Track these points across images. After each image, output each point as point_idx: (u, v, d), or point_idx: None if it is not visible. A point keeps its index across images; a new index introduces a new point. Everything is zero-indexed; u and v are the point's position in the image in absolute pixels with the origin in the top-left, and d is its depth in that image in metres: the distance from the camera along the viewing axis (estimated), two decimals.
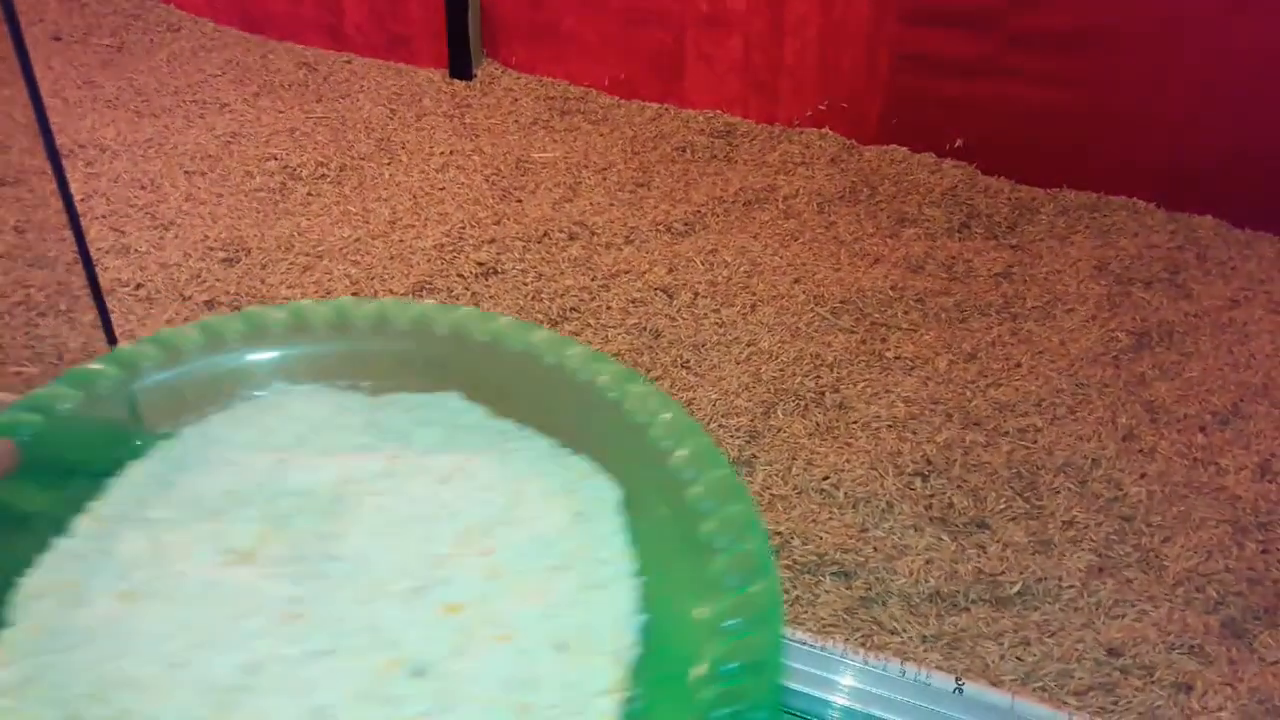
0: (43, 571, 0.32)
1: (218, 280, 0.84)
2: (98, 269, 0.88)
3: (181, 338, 0.38)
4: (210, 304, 0.82)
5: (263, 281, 0.84)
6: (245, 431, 0.37)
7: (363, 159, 1.02)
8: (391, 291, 0.82)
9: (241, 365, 0.39)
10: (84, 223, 0.81)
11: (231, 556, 0.33)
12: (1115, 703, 0.52)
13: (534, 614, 0.32)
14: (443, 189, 0.97)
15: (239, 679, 0.30)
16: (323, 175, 0.99)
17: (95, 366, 0.36)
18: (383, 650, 0.30)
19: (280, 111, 1.10)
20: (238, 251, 0.88)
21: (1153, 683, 0.53)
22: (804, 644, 0.48)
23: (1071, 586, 0.59)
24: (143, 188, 0.96)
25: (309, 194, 0.96)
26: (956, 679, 0.45)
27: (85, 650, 0.30)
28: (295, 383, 0.39)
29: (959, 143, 0.99)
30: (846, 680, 0.46)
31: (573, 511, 0.36)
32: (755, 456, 0.66)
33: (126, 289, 0.83)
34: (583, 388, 0.39)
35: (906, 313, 0.80)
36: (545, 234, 0.91)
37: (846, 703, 0.46)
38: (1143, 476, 0.66)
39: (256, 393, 0.39)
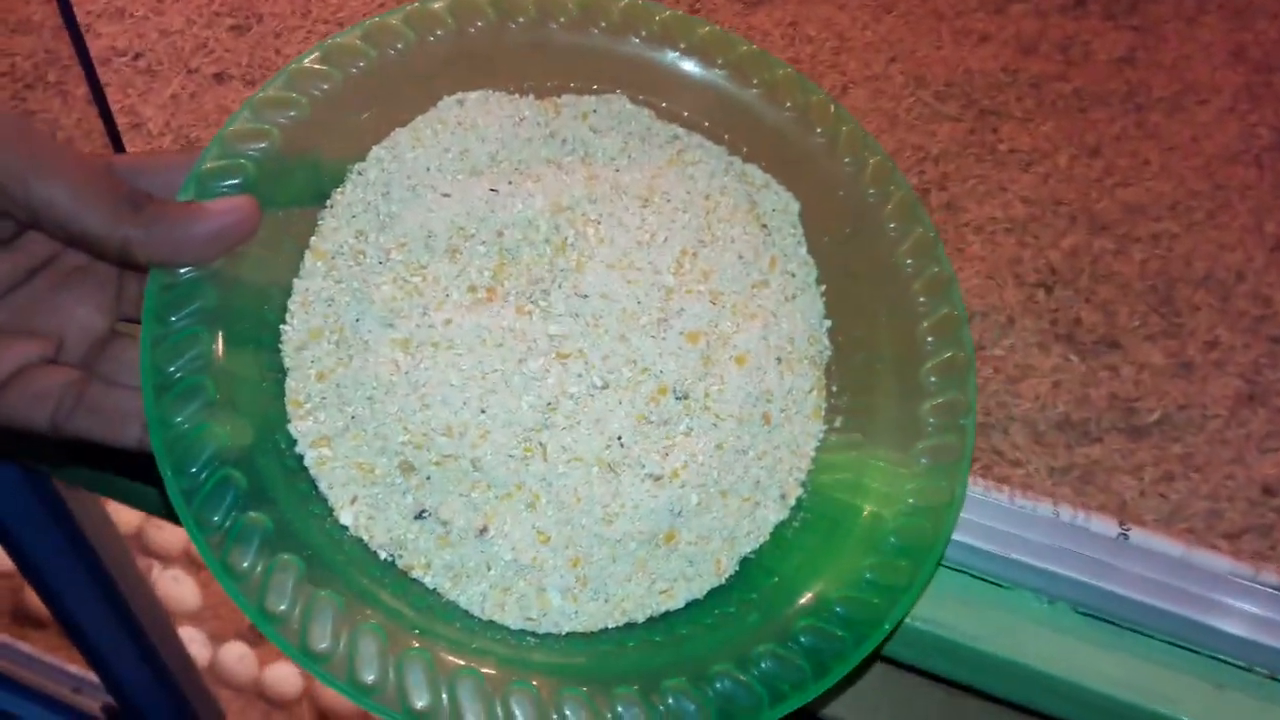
0: (299, 317, 0.33)
1: (227, 50, 0.73)
2: (90, 35, 0.77)
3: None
4: (220, 76, 0.71)
5: (277, 52, 0.73)
6: (438, 153, 0.36)
7: None
8: None
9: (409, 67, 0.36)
10: None
11: (480, 295, 0.33)
12: (1273, 547, 0.46)
13: (756, 333, 0.35)
14: None
15: (540, 418, 0.32)
16: None
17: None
18: (648, 381, 0.33)
19: None
20: (248, 18, 0.76)
21: None
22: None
23: (1217, 416, 0.52)
24: None
25: None
26: (1121, 524, 0.39)
27: (390, 401, 0.31)
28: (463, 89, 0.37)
29: None
30: (988, 522, 0.40)
31: (759, 225, 0.38)
32: None
33: (124, 59, 0.73)
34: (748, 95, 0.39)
35: (1020, 99, 0.69)
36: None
37: (989, 547, 0.39)
38: None
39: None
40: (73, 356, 0.32)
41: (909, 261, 0.38)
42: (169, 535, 1.16)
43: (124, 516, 1.13)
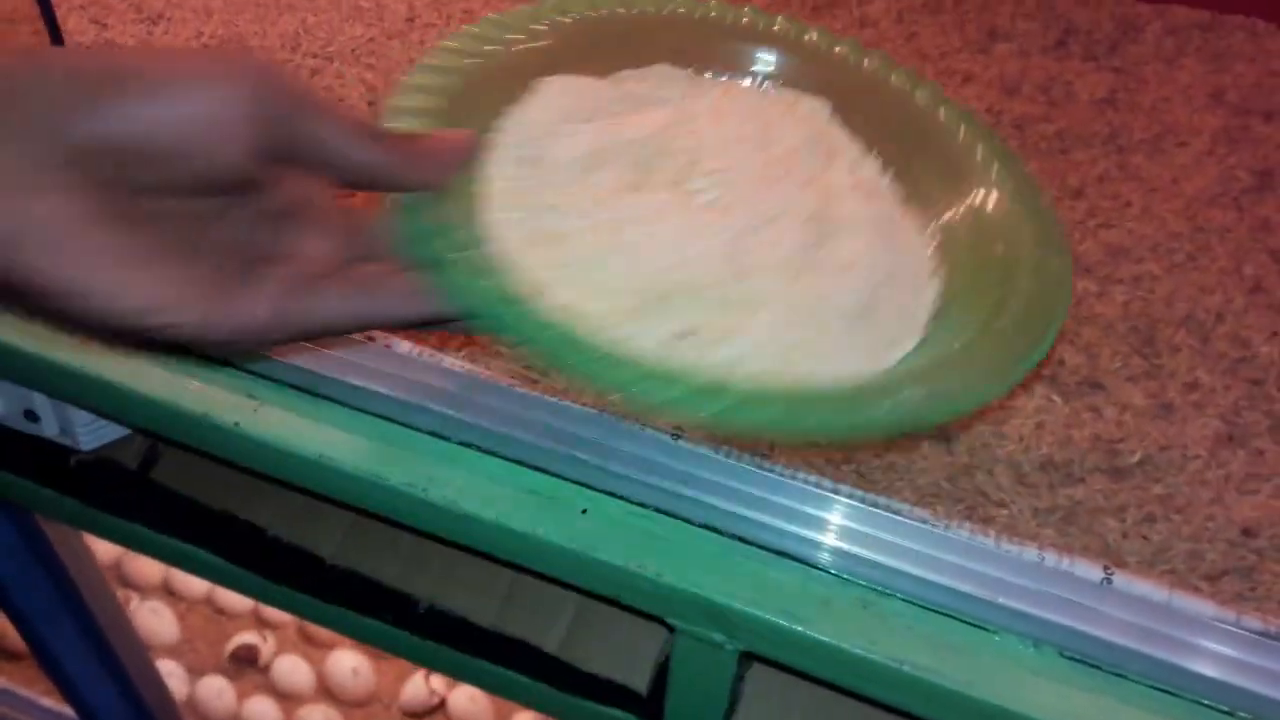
0: (504, 229, 0.38)
1: None
2: None
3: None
4: None
5: None
6: (559, 109, 0.43)
7: None
8: None
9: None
10: (60, 14, 0.70)
11: (639, 190, 0.41)
12: (1253, 589, 0.46)
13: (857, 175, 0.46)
14: None
15: (732, 250, 0.40)
16: None
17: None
18: (796, 213, 0.42)
19: None
20: (236, 50, 0.77)
21: None
22: (922, 522, 0.42)
23: (1198, 457, 0.52)
24: None
25: None
26: (1105, 568, 0.39)
27: (614, 263, 0.39)
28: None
29: None
30: (974, 565, 0.40)
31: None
32: None
33: None
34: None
35: (1004, 140, 0.70)
36: None
37: (975, 590, 0.39)
38: (1273, 335, 0.59)
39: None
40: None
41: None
42: (147, 566, 1.15)
43: (102, 547, 1.12)
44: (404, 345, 0.50)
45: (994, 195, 0.46)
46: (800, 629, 0.39)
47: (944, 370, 0.38)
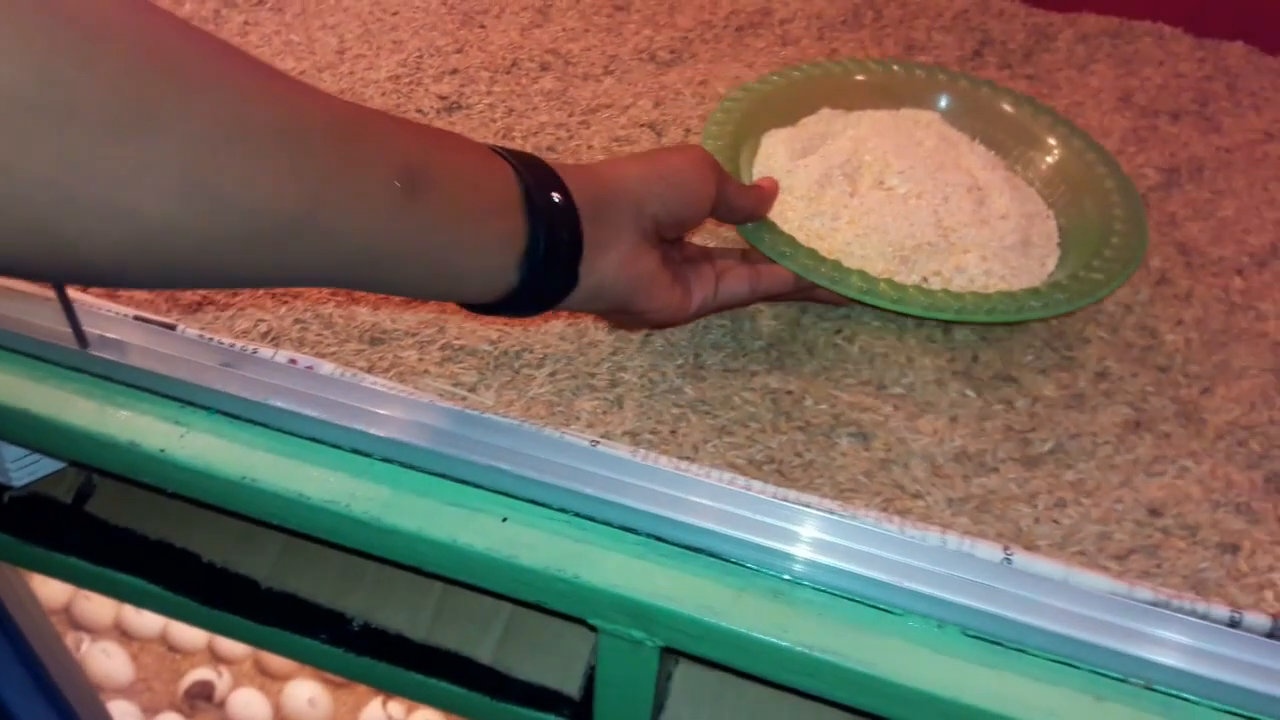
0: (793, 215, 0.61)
1: None
2: None
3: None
4: None
5: None
6: (781, 148, 0.64)
7: None
8: None
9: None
10: None
11: (856, 187, 0.61)
12: (1159, 565, 0.48)
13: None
14: (395, 13, 0.87)
15: (936, 216, 0.59)
16: (260, 1, 0.88)
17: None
18: (962, 185, 0.60)
19: None
20: None
21: (1196, 543, 0.49)
22: (829, 513, 0.43)
23: (1107, 443, 0.54)
24: None
25: (246, 23, 0.86)
26: (1004, 548, 0.40)
27: (865, 225, 0.59)
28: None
29: None
30: (880, 551, 0.41)
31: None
32: (760, 310, 0.60)
33: None
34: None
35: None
36: (514, 63, 0.81)
37: (881, 575, 0.41)
38: (1179, 323, 0.61)
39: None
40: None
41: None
42: (98, 608, 1.14)
43: (52, 589, 1.11)
44: (326, 367, 0.51)
45: (1061, 152, 0.66)
46: (714, 621, 0.40)
47: (1075, 281, 0.57)
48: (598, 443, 0.46)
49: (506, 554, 0.43)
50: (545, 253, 0.41)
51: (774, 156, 0.64)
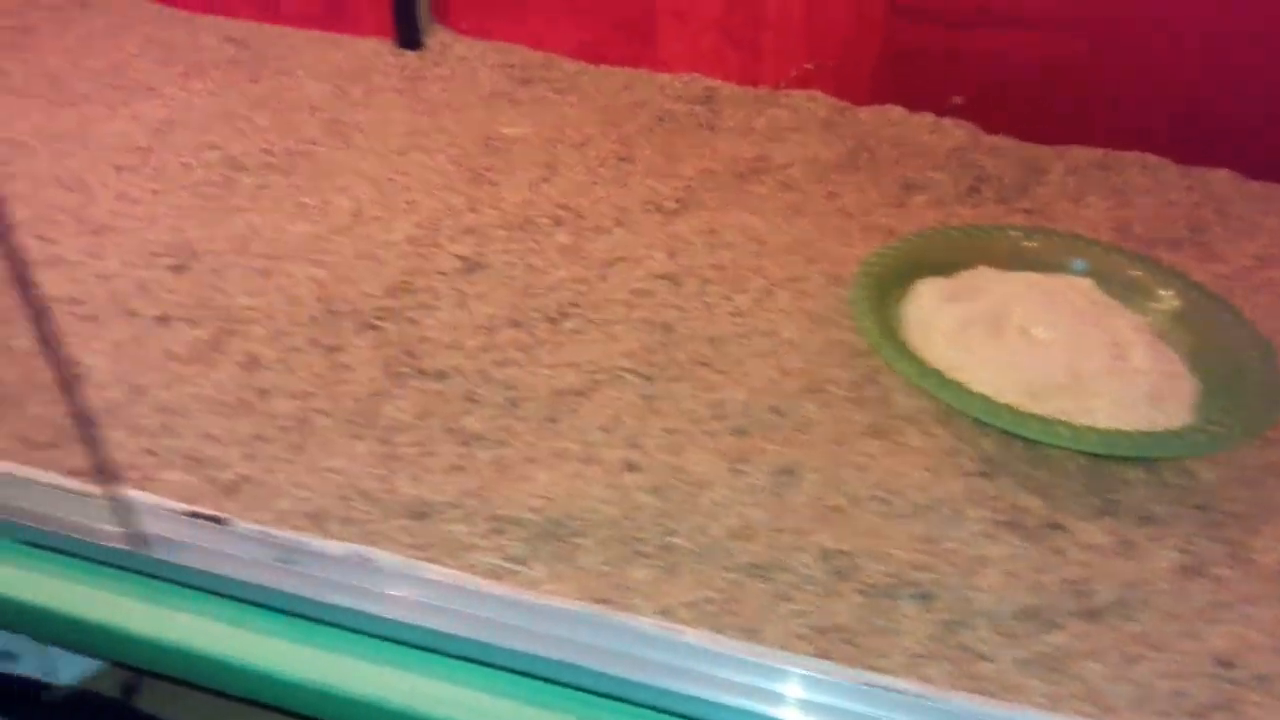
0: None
1: (168, 291, 0.74)
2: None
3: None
4: (164, 319, 0.72)
5: (218, 290, 0.74)
6: (930, 292, 0.72)
7: (312, 143, 0.92)
8: (367, 295, 0.73)
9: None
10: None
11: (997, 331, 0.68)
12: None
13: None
14: (406, 174, 0.88)
15: (1069, 366, 0.64)
16: (270, 164, 0.89)
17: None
18: (1103, 330, 0.67)
19: (213, 94, 1.00)
20: (186, 256, 0.78)
21: (1274, 695, 0.49)
22: (921, 696, 0.42)
23: (1164, 591, 0.54)
24: (68, 188, 0.85)
25: (257, 186, 0.87)
26: None
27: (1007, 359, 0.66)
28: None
29: (958, 100, 0.94)
30: None
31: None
32: (800, 463, 0.60)
33: (64, 305, 0.73)
34: None
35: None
36: (527, 220, 0.83)
37: None
38: (1214, 461, 0.62)
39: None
40: None
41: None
42: None
43: None
44: (383, 557, 0.50)
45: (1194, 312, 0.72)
46: None
47: (1209, 430, 0.61)
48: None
49: None
50: None
51: (923, 297, 0.70)
